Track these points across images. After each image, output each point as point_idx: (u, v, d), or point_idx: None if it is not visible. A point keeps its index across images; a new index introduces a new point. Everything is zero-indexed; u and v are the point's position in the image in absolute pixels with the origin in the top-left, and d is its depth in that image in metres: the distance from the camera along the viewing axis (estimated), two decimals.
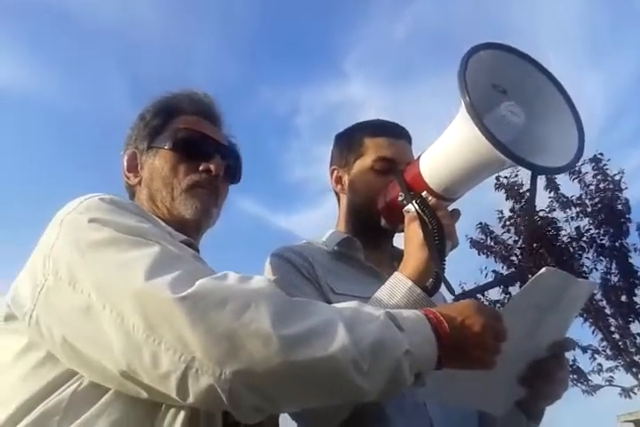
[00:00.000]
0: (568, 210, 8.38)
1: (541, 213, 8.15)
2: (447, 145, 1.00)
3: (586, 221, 8.35)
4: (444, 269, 1.00)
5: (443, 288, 1.05)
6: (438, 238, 1.00)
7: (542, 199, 8.13)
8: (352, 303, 0.79)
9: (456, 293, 0.98)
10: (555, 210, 8.34)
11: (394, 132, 1.31)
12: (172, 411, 0.75)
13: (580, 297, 1.03)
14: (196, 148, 1.06)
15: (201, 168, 1.05)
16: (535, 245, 7.67)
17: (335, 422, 0.97)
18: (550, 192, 8.34)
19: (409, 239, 1.05)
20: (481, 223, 8.44)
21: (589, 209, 8.32)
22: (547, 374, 0.99)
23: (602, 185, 8.26)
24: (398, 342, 0.73)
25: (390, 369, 0.72)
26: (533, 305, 0.93)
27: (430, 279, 1.02)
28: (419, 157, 1.08)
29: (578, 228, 8.30)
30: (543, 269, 0.91)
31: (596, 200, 8.30)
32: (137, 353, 0.68)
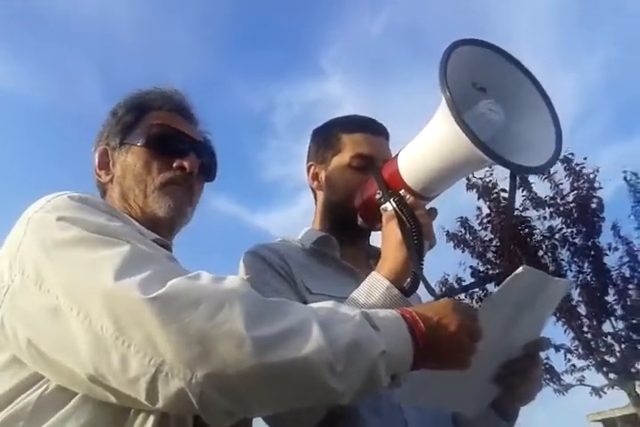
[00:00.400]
0: (541, 209, 8.51)
1: (515, 213, 8.25)
2: (426, 142, 0.99)
3: (559, 220, 8.49)
4: (423, 269, 0.99)
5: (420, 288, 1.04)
6: (416, 238, 0.99)
7: (516, 198, 8.24)
8: (328, 303, 0.78)
9: (436, 293, 0.97)
10: (528, 209, 8.47)
11: (372, 129, 1.30)
12: (142, 415, 0.73)
13: (555, 296, 1.03)
14: (169, 144, 1.04)
15: (175, 165, 1.02)
16: (509, 243, 7.77)
17: (309, 425, 0.95)
18: (523, 191, 8.44)
19: (386, 238, 1.04)
20: (461, 217, 8.53)
21: (562, 208, 8.45)
22: (522, 374, 0.99)
23: (576, 184, 8.39)
24: (374, 343, 0.72)
25: (365, 370, 0.71)
26: (510, 304, 0.93)
27: (408, 279, 1.01)
28: (397, 155, 1.07)
29: (550, 227, 8.43)
30: (520, 269, 0.90)
31: (569, 199, 8.43)
32: (105, 356, 0.66)
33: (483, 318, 0.83)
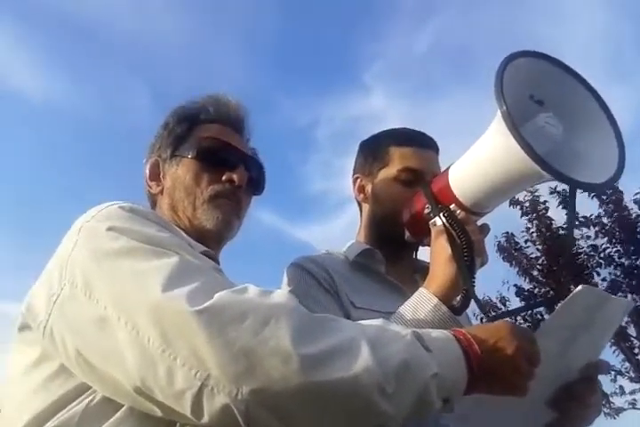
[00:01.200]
0: (584, 228, 8.23)
1: (560, 231, 8.03)
2: (479, 156, 0.96)
3: (604, 239, 8.20)
4: (474, 286, 0.96)
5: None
6: (467, 254, 0.96)
7: (561, 216, 8.04)
8: (377, 321, 0.75)
9: (489, 313, 0.93)
10: (576, 227, 8.19)
11: (421, 142, 1.28)
12: None
13: (615, 317, 0.99)
14: (219, 157, 1.05)
15: (224, 178, 1.03)
16: (555, 261, 7.58)
17: None
18: (564, 208, 8.17)
19: (436, 254, 1.01)
20: (507, 232, 8.34)
21: (607, 228, 8.17)
22: (579, 398, 0.95)
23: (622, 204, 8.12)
24: (425, 364, 0.69)
25: (416, 393, 0.68)
26: (568, 325, 0.89)
27: (458, 297, 0.98)
28: (447, 169, 1.05)
29: (594, 246, 8.14)
30: (579, 287, 0.87)
31: (614, 218, 8.14)
32: (152, 368, 0.66)
33: (541, 341, 0.80)
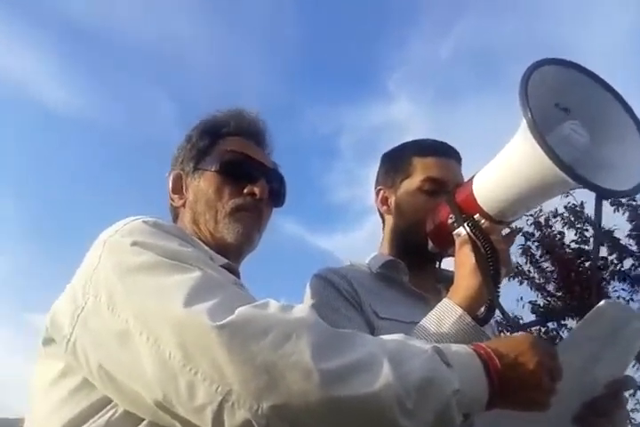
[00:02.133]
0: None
1: (573, 245, 7.87)
2: (504, 165, 0.95)
3: (615, 254, 7.96)
4: (499, 296, 0.94)
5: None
6: (492, 264, 0.95)
7: (571, 231, 7.88)
8: (397, 336, 0.75)
9: (515, 322, 0.92)
10: (588, 241, 7.98)
11: (443, 152, 1.27)
12: None
13: None
14: (241, 170, 1.06)
15: (245, 191, 1.04)
16: (569, 276, 7.43)
17: None
18: (569, 229, 7.97)
19: (460, 264, 1.00)
20: (523, 245, 8.18)
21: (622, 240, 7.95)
22: (604, 414, 0.93)
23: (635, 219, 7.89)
24: (447, 380, 0.68)
25: (437, 409, 0.67)
26: (591, 340, 0.88)
27: (482, 308, 0.96)
28: (471, 178, 1.03)
29: (605, 259, 7.92)
30: (602, 302, 0.86)
31: (629, 229, 7.91)
32: (172, 382, 0.66)
33: (563, 356, 0.78)
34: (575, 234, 7.83)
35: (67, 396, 0.76)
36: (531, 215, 7.88)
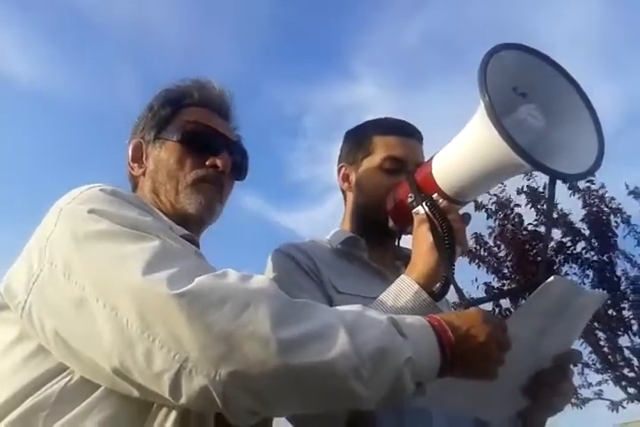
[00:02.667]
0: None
1: (529, 227, 8.06)
2: (462, 146, 0.97)
3: (569, 237, 8.19)
4: (454, 273, 0.98)
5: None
6: (448, 243, 0.97)
7: (530, 213, 8.06)
8: (355, 306, 0.77)
9: (467, 299, 0.95)
10: (544, 224, 8.17)
11: (405, 132, 1.28)
12: (164, 411, 0.73)
13: (588, 308, 1.00)
14: (204, 142, 1.04)
15: (208, 163, 1.02)
16: (523, 258, 7.62)
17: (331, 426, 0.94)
18: (531, 208, 8.13)
19: (418, 242, 1.02)
20: (476, 233, 8.32)
21: (573, 225, 8.18)
22: (551, 386, 0.97)
23: (588, 200, 8.10)
24: (400, 350, 0.70)
25: (391, 377, 0.69)
26: (540, 314, 0.90)
27: (438, 284, 0.99)
28: (431, 158, 1.05)
29: (561, 242, 8.15)
30: (551, 278, 0.88)
31: (583, 214, 8.15)
32: (130, 350, 0.66)
33: (512, 329, 0.82)
34: (536, 214, 7.97)
35: (23, 361, 0.76)
36: (494, 195, 8.02)
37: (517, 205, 8.00)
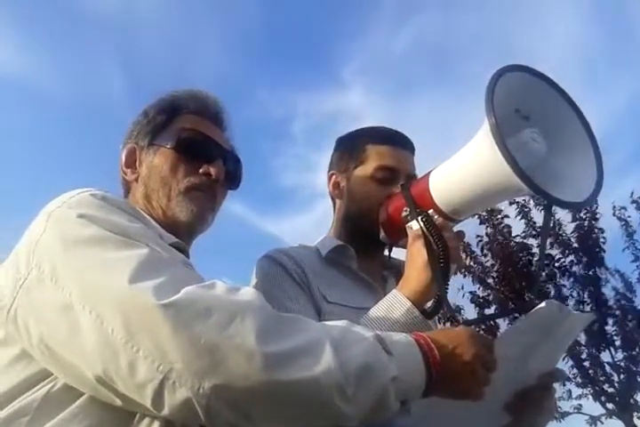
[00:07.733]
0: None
1: (517, 239, 8.10)
2: (463, 164, 0.97)
3: (558, 250, 8.25)
4: (447, 292, 0.97)
5: None
6: (443, 260, 0.96)
7: (519, 225, 8.11)
8: (341, 322, 0.76)
9: (459, 318, 0.95)
10: (532, 236, 8.23)
11: (398, 142, 1.28)
12: (147, 420, 0.72)
13: (575, 328, 1.01)
14: (198, 149, 1.03)
15: (201, 171, 1.02)
16: (510, 269, 7.68)
17: None
18: (521, 219, 8.19)
19: (412, 258, 1.01)
20: (463, 243, 8.30)
21: (561, 238, 8.24)
22: (534, 404, 0.97)
23: (577, 215, 8.18)
24: (386, 368, 0.70)
25: (376, 395, 0.69)
26: (528, 336, 0.91)
27: (430, 302, 0.99)
28: (428, 173, 1.05)
29: (549, 255, 8.21)
30: (543, 303, 0.88)
31: (569, 229, 8.22)
32: (114, 359, 0.65)
33: (499, 349, 0.82)
34: (526, 224, 8.01)
35: (5, 366, 0.75)
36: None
37: (507, 216, 8.05)
